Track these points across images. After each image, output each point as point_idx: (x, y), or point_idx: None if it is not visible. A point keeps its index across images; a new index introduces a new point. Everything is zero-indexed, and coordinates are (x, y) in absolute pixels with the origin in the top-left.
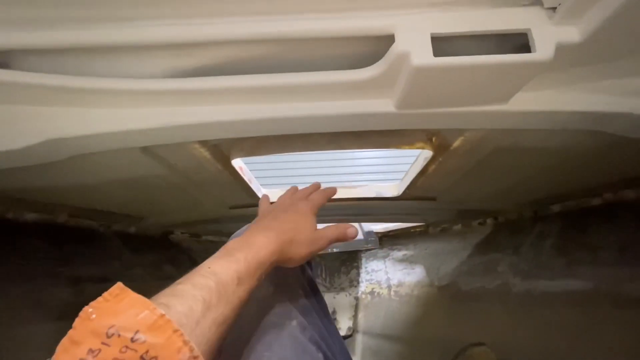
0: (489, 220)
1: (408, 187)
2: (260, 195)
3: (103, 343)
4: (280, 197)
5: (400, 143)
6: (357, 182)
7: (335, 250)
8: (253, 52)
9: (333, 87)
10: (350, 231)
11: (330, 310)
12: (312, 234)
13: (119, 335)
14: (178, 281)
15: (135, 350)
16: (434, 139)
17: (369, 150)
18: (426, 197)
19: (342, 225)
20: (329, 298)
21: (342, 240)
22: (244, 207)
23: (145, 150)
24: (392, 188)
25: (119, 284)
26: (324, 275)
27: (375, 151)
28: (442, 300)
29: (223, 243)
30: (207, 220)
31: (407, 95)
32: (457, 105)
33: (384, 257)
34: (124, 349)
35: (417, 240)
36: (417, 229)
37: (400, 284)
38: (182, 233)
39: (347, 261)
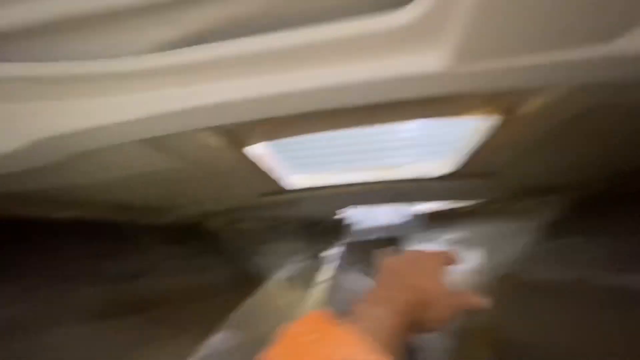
0: (561, 197)
1: (461, 164)
2: (287, 179)
3: None
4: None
5: (455, 111)
6: (395, 158)
7: (374, 236)
8: (251, 6)
9: (358, 42)
10: (480, 303)
11: None
12: (447, 294)
13: None
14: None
15: None
16: (501, 101)
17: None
18: (483, 173)
19: (474, 295)
20: (369, 280)
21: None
22: (274, 194)
23: (150, 143)
24: (440, 166)
25: (324, 315)
26: (368, 258)
27: (416, 122)
28: (499, 292)
29: (261, 230)
30: (240, 208)
31: (469, 40)
32: (540, 49)
33: (433, 239)
34: None
35: (470, 221)
36: (470, 209)
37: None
38: (215, 221)
39: (392, 242)
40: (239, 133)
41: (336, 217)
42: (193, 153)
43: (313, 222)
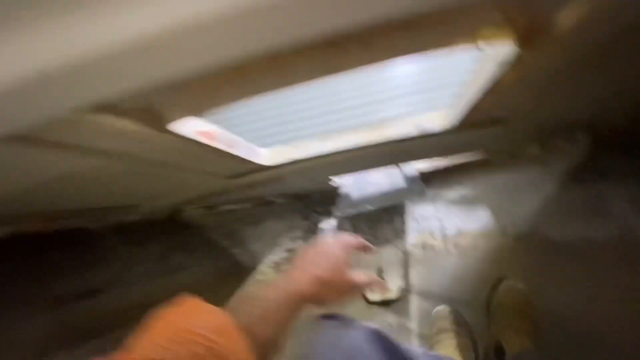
0: (581, 136)
1: (465, 113)
2: (256, 156)
3: (183, 340)
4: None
5: (455, 39)
6: (385, 113)
7: (368, 208)
8: None
9: None
10: (376, 281)
11: (375, 269)
12: (346, 278)
13: (197, 334)
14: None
15: (212, 347)
16: (515, 18)
17: (394, 64)
18: (492, 120)
19: (370, 274)
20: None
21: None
22: (243, 175)
23: (27, 141)
24: (440, 118)
25: (189, 297)
26: (364, 226)
27: (404, 66)
28: (520, 254)
29: (243, 211)
30: (213, 194)
31: None
32: None
33: (435, 200)
34: (206, 350)
35: (477, 175)
36: (475, 161)
37: (459, 234)
38: (194, 209)
39: (389, 207)
40: (159, 109)
41: (329, 187)
42: (111, 144)
43: (303, 196)
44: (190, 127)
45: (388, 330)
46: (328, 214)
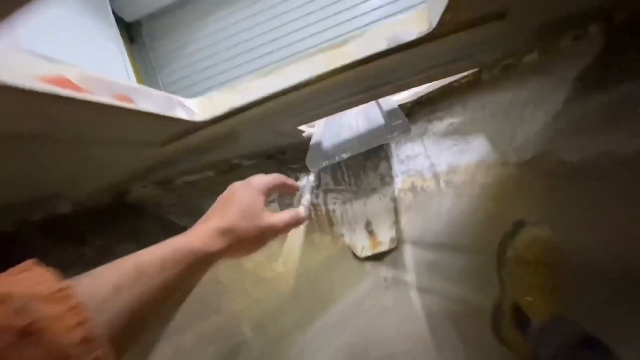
0: (595, 28)
1: (447, 8)
2: (184, 111)
3: None
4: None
5: None
6: (346, 26)
7: (345, 156)
8: None
9: None
10: (301, 217)
11: (363, 222)
12: (260, 223)
13: (9, 303)
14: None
15: (24, 317)
16: None
17: None
18: (486, 16)
19: (293, 211)
20: (358, 206)
21: (294, 227)
22: (177, 138)
23: None
24: (416, 20)
25: (29, 261)
26: (346, 178)
27: None
28: (527, 184)
29: (205, 181)
30: (153, 167)
31: None
32: None
33: (421, 135)
34: (12, 314)
35: (467, 98)
36: (463, 81)
37: (452, 170)
38: (143, 187)
39: (372, 152)
40: None
41: (301, 139)
42: None
43: (274, 153)
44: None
45: (381, 286)
46: (305, 170)
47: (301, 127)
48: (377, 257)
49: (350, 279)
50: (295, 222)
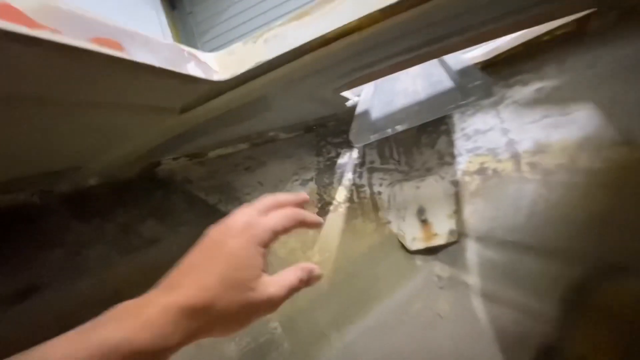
0: None
1: None
2: (200, 69)
3: None
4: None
5: None
6: None
7: (399, 128)
8: None
9: None
10: (316, 273)
11: (414, 208)
12: (252, 297)
13: None
14: None
15: None
16: None
17: None
18: None
19: (303, 266)
20: (409, 190)
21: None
22: (197, 104)
23: None
24: None
25: None
26: (395, 155)
27: None
28: None
29: (238, 155)
30: (174, 139)
31: None
32: None
33: (496, 104)
34: None
35: (565, 54)
36: (558, 33)
37: (540, 149)
38: (174, 159)
39: (428, 125)
40: None
41: (345, 108)
42: None
43: (314, 125)
44: None
45: (434, 286)
46: (347, 145)
47: (345, 94)
48: (431, 251)
49: (396, 274)
50: (305, 284)
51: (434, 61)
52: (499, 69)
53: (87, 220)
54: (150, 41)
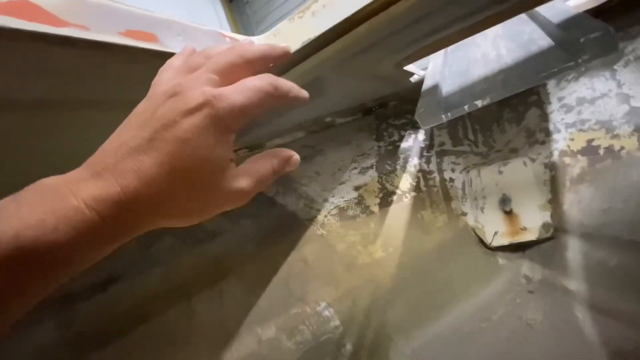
0: None
1: None
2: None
3: None
4: (162, 75)
5: None
6: None
7: (480, 103)
8: None
9: None
10: (294, 159)
11: (496, 197)
12: (216, 191)
13: None
14: None
15: None
16: None
17: None
18: None
19: (279, 154)
20: (490, 175)
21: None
22: None
23: None
24: None
25: None
26: (470, 134)
27: None
28: None
29: (294, 144)
30: None
31: None
32: None
33: (609, 63)
34: None
35: None
36: None
37: None
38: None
39: (513, 96)
40: None
41: (408, 85)
42: None
43: (373, 106)
44: None
45: (522, 290)
46: (411, 126)
47: (409, 68)
48: (517, 248)
49: (474, 274)
50: (278, 174)
51: (522, 16)
52: (613, 16)
53: None
54: (187, 28)
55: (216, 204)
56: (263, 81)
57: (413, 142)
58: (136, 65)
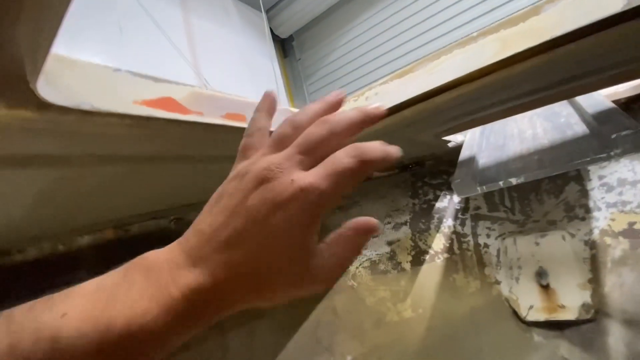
0: None
1: None
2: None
3: None
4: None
5: None
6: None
7: (515, 181)
8: None
9: None
10: (377, 227)
11: (532, 269)
12: (301, 278)
13: None
14: None
15: None
16: None
17: None
18: None
19: (360, 226)
20: (526, 245)
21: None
22: None
23: None
24: None
25: None
26: (507, 201)
27: None
28: None
29: None
30: None
31: None
32: None
33: None
34: None
35: None
36: None
37: None
38: None
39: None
40: None
41: (446, 148)
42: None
43: (410, 164)
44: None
45: None
46: (447, 186)
47: (447, 137)
48: (554, 326)
49: (506, 347)
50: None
51: (560, 105)
52: None
53: None
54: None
55: (300, 290)
56: (352, 159)
57: (448, 203)
58: (225, 135)
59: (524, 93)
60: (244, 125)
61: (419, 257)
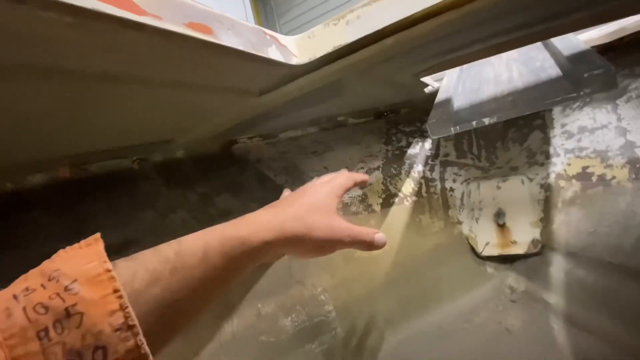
0: None
1: None
2: (279, 52)
3: (42, 285)
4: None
5: None
6: None
7: (487, 121)
8: None
9: None
10: (378, 242)
11: (491, 210)
12: (332, 221)
13: (58, 281)
14: None
15: (63, 300)
16: None
17: None
18: None
19: (370, 230)
20: (488, 189)
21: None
22: (275, 87)
23: None
24: None
25: (97, 235)
26: (475, 149)
27: None
28: None
29: (307, 138)
30: (253, 119)
31: None
32: None
33: (614, 98)
34: (54, 295)
35: None
36: None
37: None
38: (249, 139)
39: (520, 117)
40: None
41: (421, 95)
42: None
43: (385, 110)
44: None
45: (505, 298)
46: (420, 134)
47: (425, 80)
48: (505, 260)
49: (462, 278)
50: (368, 244)
51: (537, 43)
52: (622, 53)
53: (174, 188)
54: (236, 25)
55: (331, 234)
56: (350, 180)
57: (420, 149)
58: (187, 52)
59: (506, 29)
60: (208, 38)
61: (388, 200)
